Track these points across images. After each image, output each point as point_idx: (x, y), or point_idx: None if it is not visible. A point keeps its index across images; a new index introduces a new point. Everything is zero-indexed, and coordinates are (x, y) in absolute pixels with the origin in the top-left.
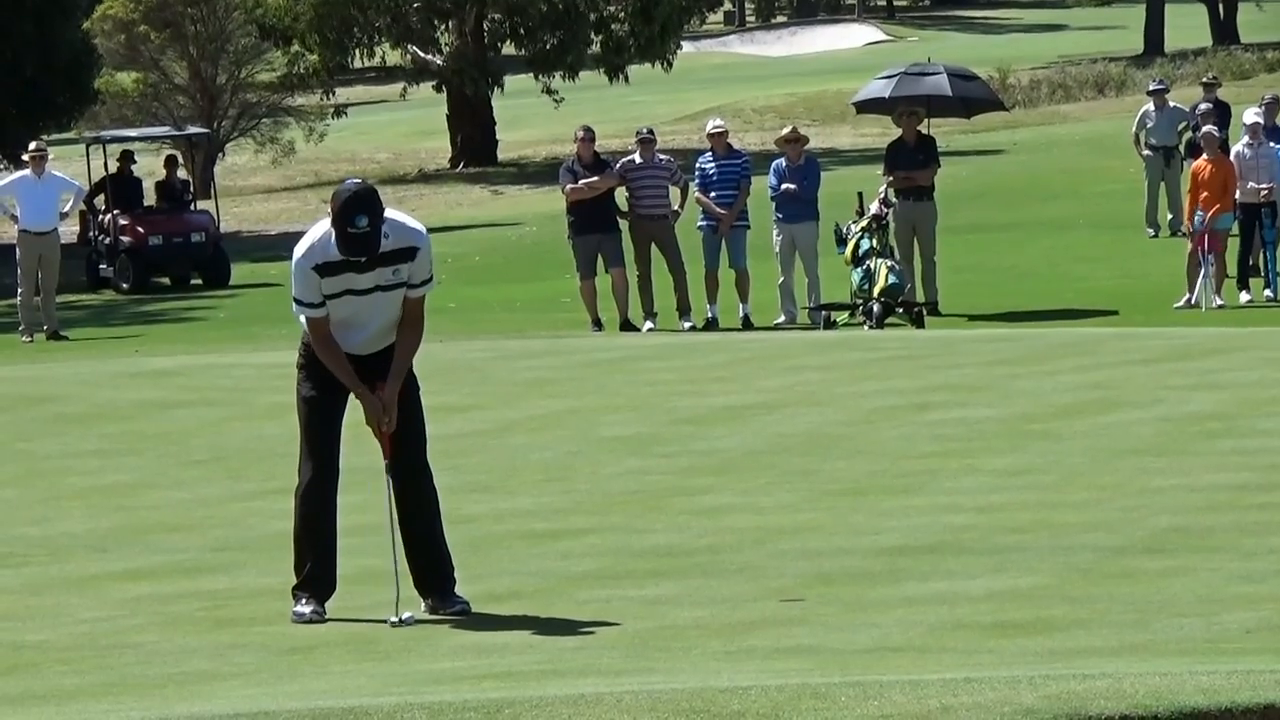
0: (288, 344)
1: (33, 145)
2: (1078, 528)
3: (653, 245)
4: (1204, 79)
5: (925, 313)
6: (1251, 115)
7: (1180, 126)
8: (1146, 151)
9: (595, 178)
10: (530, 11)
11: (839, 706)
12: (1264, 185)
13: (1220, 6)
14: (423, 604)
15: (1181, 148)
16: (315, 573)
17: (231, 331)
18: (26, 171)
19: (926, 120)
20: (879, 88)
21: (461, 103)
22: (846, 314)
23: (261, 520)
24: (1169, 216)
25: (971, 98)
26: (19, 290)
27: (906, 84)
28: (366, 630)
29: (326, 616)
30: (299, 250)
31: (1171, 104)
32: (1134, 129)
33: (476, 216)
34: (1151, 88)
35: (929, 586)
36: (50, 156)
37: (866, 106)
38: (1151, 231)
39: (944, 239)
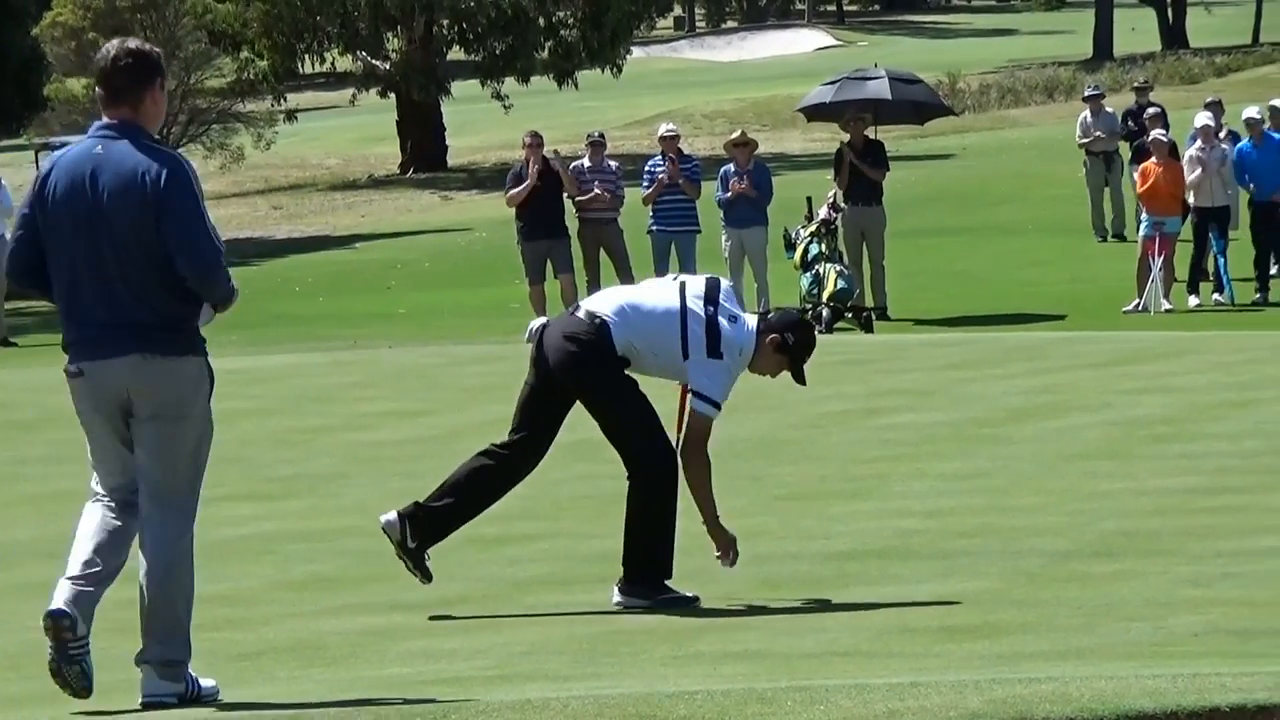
0: (237, 350)
1: None
2: (1026, 532)
3: (601, 250)
4: (1135, 84)
5: (874, 317)
6: (1202, 118)
7: (1123, 132)
8: (1085, 158)
9: (529, 182)
10: (478, 18)
11: (785, 711)
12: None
13: (1169, 11)
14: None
15: (1123, 152)
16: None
17: None
18: None
19: (874, 126)
20: (822, 93)
21: (411, 109)
22: None
23: (210, 527)
24: (1111, 218)
25: (918, 101)
26: None
27: (849, 89)
28: (313, 636)
29: None
30: (734, 366)
31: (1108, 109)
32: (1078, 136)
33: (426, 222)
34: (1087, 93)
35: (877, 591)
36: None
37: (813, 112)
38: (1100, 237)
39: (893, 244)
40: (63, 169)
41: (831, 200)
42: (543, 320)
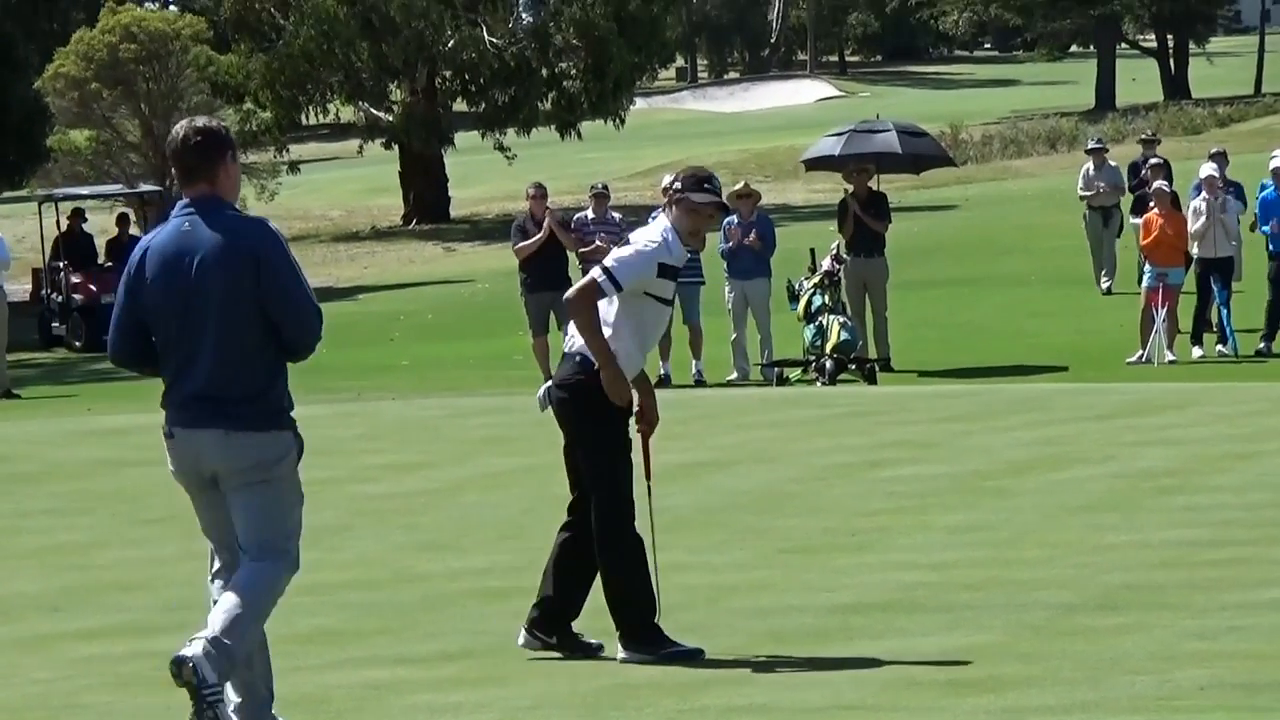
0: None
1: None
2: (1030, 585)
3: None
4: (1142, 136)
5: (877, 369)
6: (1207, 169)
7: (1127, 185)
8: (1085, 210)
9: (541, 234)
10: (481, 69)
11: None
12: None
13: (1171, 62)
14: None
15: (1123, 205)
16: (652, 613)
17: None
18: None
19: (876, 176)
20: (829, 146)
21: (413, 160)
22: (799, 370)
23: None
24: (1102, 269)
25: (921, 154)
26: None
27: (856, 141)
28: (318, 690)
29: None
30: (651, 245)
31: (1111, 162)
32: (1080, 187)
33: (429, 273)
34: (1090, 146)
35: (882, 644)
36: None
37: (816, 164)
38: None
39: (896, 295)
40: (154, 251)
41: (835, 252)
42: (546, 384)
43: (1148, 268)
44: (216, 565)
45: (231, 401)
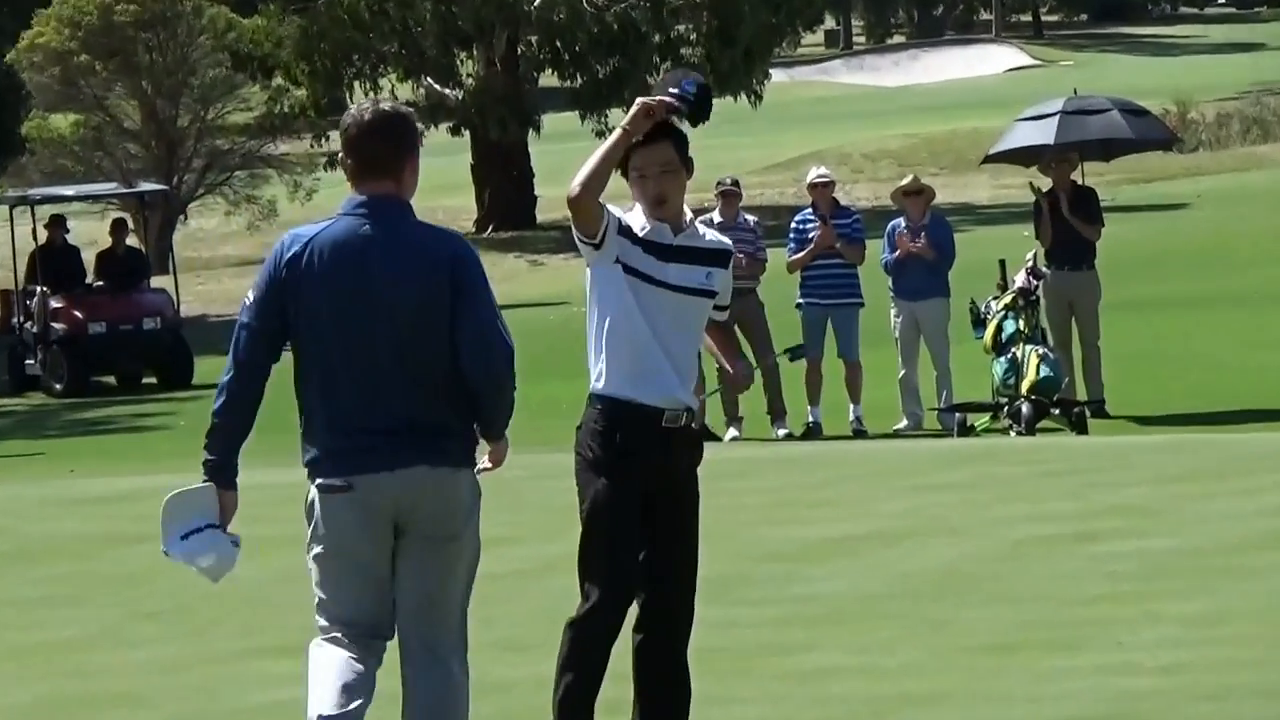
0: (269, 461)
1: None
2: None
3: (736, 327)
4: None
5: (1088, 414)
6: None
7: None
8: None
9: None
10: (576, 33)
11: None
12: None
13: None
14: None
15: None
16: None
17: (195, 444)
18: None
19: (1081, 167)
20: (1031, 134)
21: (490, 149)
22: (987, 417)
23: (238, 689)
24: None
25: (1145, 138)
26: None
27: (1070, 127)
28: None
29: None
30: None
31: None
32: None
33: (512, 294)
34: None
35: None
36: None
37: (1007, 158)
38: None
39: (1109, 319)
40: (322, 248)
41: (1031, 264)
42: None
43: None
44: (331, 623)
45: (431, 432)
